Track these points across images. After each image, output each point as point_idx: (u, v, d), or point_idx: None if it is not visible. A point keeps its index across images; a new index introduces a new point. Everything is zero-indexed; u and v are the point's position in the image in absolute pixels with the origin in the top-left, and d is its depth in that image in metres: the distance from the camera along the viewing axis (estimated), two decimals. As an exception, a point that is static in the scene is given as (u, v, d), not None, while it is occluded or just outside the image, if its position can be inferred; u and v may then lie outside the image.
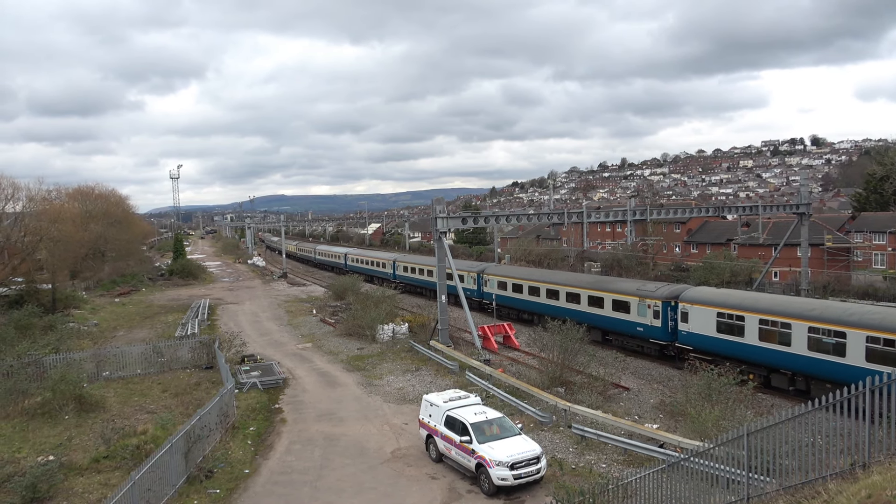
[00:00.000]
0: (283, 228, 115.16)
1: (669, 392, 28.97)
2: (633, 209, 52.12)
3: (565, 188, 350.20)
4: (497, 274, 48.89)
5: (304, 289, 72.99)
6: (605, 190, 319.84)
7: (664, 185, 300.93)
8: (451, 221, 40.75)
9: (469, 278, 51.97)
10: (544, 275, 45.49)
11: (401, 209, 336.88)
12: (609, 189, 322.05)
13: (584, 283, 40.21)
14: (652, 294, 34.34)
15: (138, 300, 64.05)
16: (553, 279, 42.92)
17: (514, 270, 49.41)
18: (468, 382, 29.55)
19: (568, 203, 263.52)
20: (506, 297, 46.79)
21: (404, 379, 31.49)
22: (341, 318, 46.96)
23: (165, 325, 48.11)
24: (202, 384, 30.91)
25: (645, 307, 34.47)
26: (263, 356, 36.95)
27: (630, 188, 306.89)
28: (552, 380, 28.63)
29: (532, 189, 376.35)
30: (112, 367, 32.96)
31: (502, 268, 51.81)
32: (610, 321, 37.13)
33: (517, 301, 45.60)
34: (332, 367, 34.68)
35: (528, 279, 44.81)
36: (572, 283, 40.92)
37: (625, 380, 31.04)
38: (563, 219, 46.07)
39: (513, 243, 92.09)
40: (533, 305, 43.46)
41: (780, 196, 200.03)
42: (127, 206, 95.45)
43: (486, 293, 49.50)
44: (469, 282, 51.76)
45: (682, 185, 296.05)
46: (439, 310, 39.11)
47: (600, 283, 39.50)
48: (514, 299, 46.03)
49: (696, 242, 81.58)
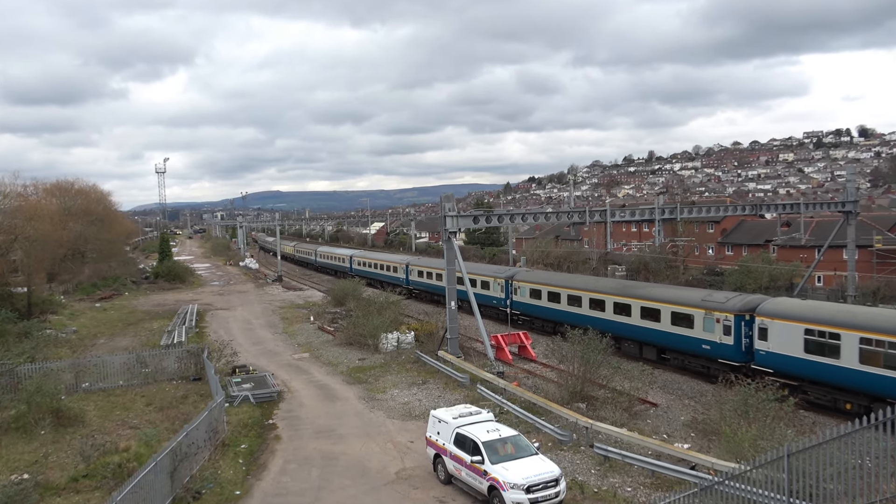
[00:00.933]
0: (279, 228, 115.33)
1: (702, 408, 28.83)
2: (661, 207, 51.97)
3: (587, 184, 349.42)
4: (530, 280, 46.52)
5: (301, 294, 73.23)
6: (631, 186, 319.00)
7: (696, 180, 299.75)
8: (461, 220, 40.71)
9: (496, 285, 49.79)
10: (586, 282, 43.30)
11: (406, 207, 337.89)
12: (635, 185, 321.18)
13: (635, 292, 37.94)
14: (721, 306, 31.92)
15: (121, 305, 64.41)
16: (596, 287, 40.99)
17: (549, 277, 47.46)
18: (480, 397, 29.53)
19: (590, 200, 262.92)
20: (540, 308, 44.60)
21: (410, 393, 31.50)
22: (341, 326, 47.03)
23: (150, 333, 48.32)
24: (189, 397, 30.96)
25: (713, 321, 32.07)
26: (256, 367, 37.04)
27: (658, 184, 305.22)
28: (572, 394, 28.54)
29: (550, 185, 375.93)
30: (92, 377, 33.09)
31: (536, 274, 49.73)
32: (668, 337, 34.65)
33: (553, 312, 43.21)
34: (332, 380, 34.72)
35: (568, 287, 42.63)
36: (620, 291, 38.72)
37: (652, 395, 30.86)
38: (584, 218, 45.94)
39: (529, 245, 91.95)
40: (572, 317, 40.49)
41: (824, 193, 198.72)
42: (109, 202, 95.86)
43: (516, 303, 47.26)
44: (496, 289, 49.72)
45: (716, 180, 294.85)
46: (448, 317, 39.09)
47: (655, 292, 37.21)
48: (549, 310, 43.70)
49: (732, 244, 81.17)
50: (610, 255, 72.31)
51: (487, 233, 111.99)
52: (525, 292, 46.40)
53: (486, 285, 50.54)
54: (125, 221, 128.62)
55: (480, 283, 50.88)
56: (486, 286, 50.58)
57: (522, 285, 46.77)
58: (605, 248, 69.29)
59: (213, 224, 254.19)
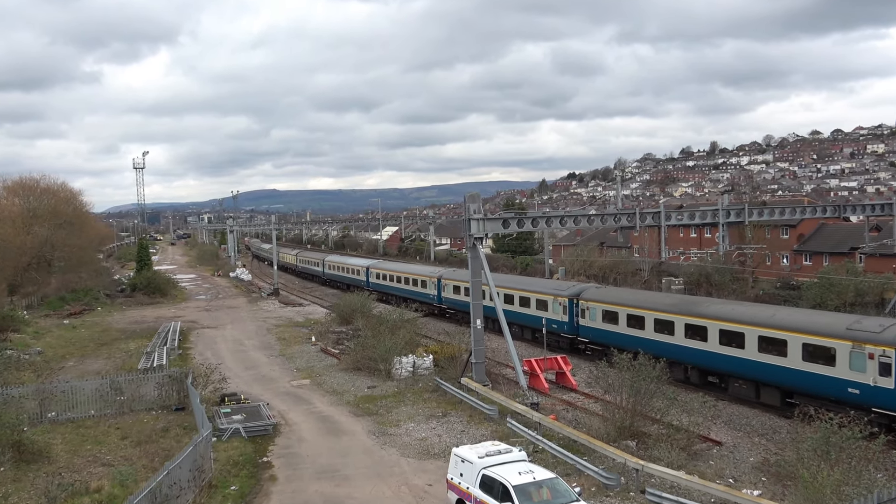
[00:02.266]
0: (276, 232, 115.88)
1: (775, 448, 28.55)
2: (726, 208, 51.76)
3: (637, 181, 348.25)
4: (603, 300, 43.86)
5: (301, 309, 73.47)
6: (690, 183, 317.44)
7: (767, 176, 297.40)
8: (488, 224, 40.57)
9: (556, 305, 47.13)
10: (679, 303, 40.37)
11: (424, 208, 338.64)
12: (694, 182, 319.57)
13: (749, 317, 34.79)
14: (875, 336, 29.13)
15: (92, 322, 65.04)
16: (692, 309, 38.21)
17: (631, 296, 44.58)
18: (510, 432, 29.41)
19: (641, 201, 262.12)
20: (617, 335, 41.46)
21: (428, 427, 31.43)
22: (347, 348, 47.12)
23: (126, 355, 48.67)
24: (171, 430, 30.96)
25: (863, 357, 29.39)
26: (249, 395, 37.14)
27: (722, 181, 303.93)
28: (620, 430, 28.37)
29: (593, 182, 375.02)
30: (59, 406, 33.24)
31: (611, 292, 46.88)
32: (797, 376, 31.76)
33: (635, 341, 39.30)
34: (336, 411, 34.78)
35: (655, 309, 39.85)
36: (728, 315, 35.77)
37: (716, 431, 30.58)
38: (634, 221, 45.90)
39: (568, 253, 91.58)
40: (660, 348, 37.01)
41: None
42: (80, 203, 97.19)
43: (584, 328, 44.78)
44: (555, 310, 47.07)
45: (791, 176, 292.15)
46: (473, 338, 38.90)
47: (780, 318, 33.92)
48: (630, 338, 40.28)
49: (810, 252, 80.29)
50: (664, 265, 72.02)
51: (519, 239, 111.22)
52: (596, 315, 43.84)
53: (544, 305, 48.30)
54: (98, 225, 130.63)
55: (536, 302, 49.12)
56: (542, 306, 48.34)
57: (593, 306, 44.20)
58: (659, 258, 68.70)
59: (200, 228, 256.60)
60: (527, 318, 48.79)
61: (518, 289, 51.72)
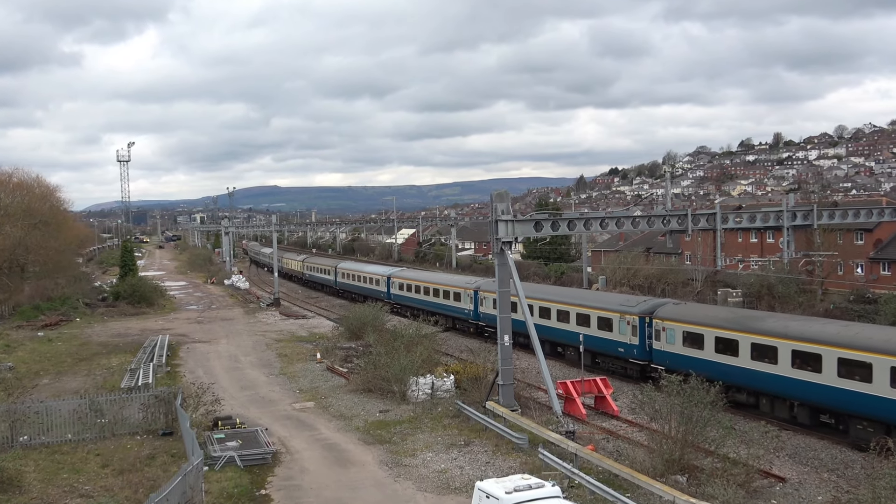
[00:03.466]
0: (277, 234, 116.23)
1: (847, 485, 28.31)
2: (791, 209, 51.47)
3: (689, 178, 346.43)
4: (684, 319, 41.79)
5: (305, 322, 73.65)
6: (750, 181, 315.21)
7: (839, 173, 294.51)
8: (518, 226, 40.41)
9: (622, 325, 45.31)
10: (780, 325, 37.57)
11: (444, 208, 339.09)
12: (755, 179, 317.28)
13: (866, 340, 32.55)
14: None
15: (70, 335, 65.38)
16: (800, 331, 35.72)
17: (716, 315, 42.22)
18: (542, 465, 29.29)
19: (693, 200, 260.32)
20: (701, 362, 38.93)
21: (448, 457, 31.40)
22: (357, 367, 47.13)
23: (107, 372, 48.93)
24: (157, 457, 31.08)
25: None
26: (245, 419, 37.19)
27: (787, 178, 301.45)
28: (668, 463, 28.27)
29: (639, 179, 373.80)
30: (33, 429, 33.36)
31: (693, 309, 44.40)
32: None
33: (726, 370, 37.46)
34: (344, 438, 34.78)
35: (753, 331, 37.72)
36: (839, 340, 33.52)
37: (779, 465, 30.44)
38: (685, 223, 45.58)
39: (609, 259, 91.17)
40: (759, 379, 36.17)
41: None
42: (57, 200, 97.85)
43: (658, 352, 42.91)
44: (622, 331, 45.29)
45: (867, 173, 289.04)
46: (500, 357, 38.77)
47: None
48: (719, 366, 37.95)
49: (888, 260, 79.57)
50: (720, 274, 71.75)
51: (553, 243, 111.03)
52: (675, 337, 41.70)
53: (607, 324, 46.53)
54: (77, 225, 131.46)
55: (597, 320, 47.46)
56: (606, 325, 46.62)
57: (671, 326, 42.23)
58: (715, 266, 68.00)
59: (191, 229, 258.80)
60: (587, 338, 45.41)
61: (577, 305, 50.16)
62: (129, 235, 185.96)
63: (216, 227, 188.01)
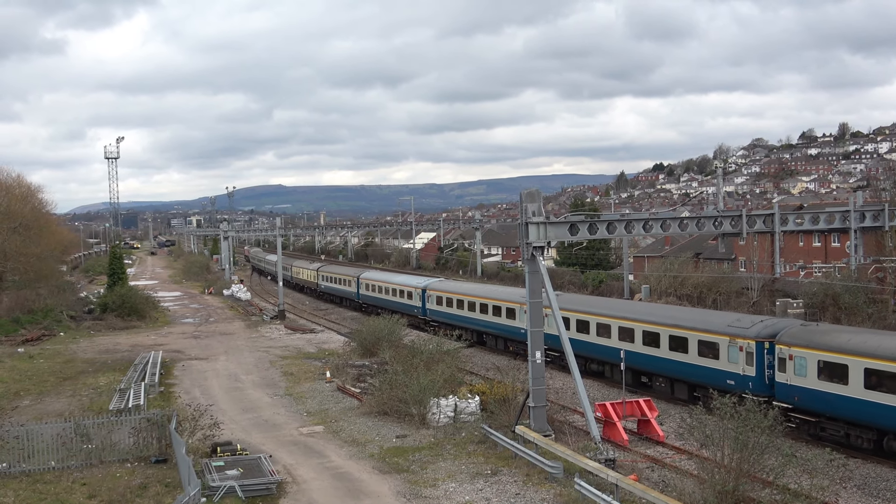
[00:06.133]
0: (282, 239, 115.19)
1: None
2: (859, 209, 50.80)
3: (743, 174, 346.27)
4: (821, 346, 36.25)
5: (313, 337, 73.67)
6: (812, 177, 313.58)
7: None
8: (551, 229, 39.83)
9: (733, 352, 40.25)
10: None
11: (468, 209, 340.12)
12: (818, 176, 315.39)
13: None
14: None
15: (54, 351, 65.36)
16: None
17: (870, 339, 36.41)
18: (579, 496, 28.78)
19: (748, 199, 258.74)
20: (846, 401, 34.72)
21: (473, 488, 31.07)
22: (371, 387, 46.94)
23: (95, 392, 48.75)
24: (150, 487, 30.91)
25: None
26: (247, 445, 36.94)
27: (854, 173, 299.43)
28: (721, 495, 27.46)
29: (687, 176, 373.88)
30: (12, 456, 33.17)
31: (832, 332, 38.51)
32: None
33: (881, 410, 33.27)
34: (357, 466, 34.45)
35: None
36: None
37: (846, 497, 30.20)
38: (739, 225, 44.92)
39: (654, 266, 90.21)
40: None
41: None
42: (39, 202, 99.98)
43: (783, 387, 37.63)
44: (731, 356, 40.41)
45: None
46: (531, 375, 38.24)
47: None
48: (870, 406, 33.75)
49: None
50: (779, 282, 71.41)
51: (590, 248, 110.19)
52: (807, 367, 36.48)
53: (713, 348, 41.58)
54: (61, 229, 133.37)
55: (701, 345, 42.42)
56: (712, 350, 41.64)
57: (802, 354, 36.86)
58: (772, 273, 66.85)
59: (186, 233, 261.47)
60: (689, 368, 42.75)
61: (679, 327, 44.79)
62: (117, 240, 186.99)
63: (214, 230, 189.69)
